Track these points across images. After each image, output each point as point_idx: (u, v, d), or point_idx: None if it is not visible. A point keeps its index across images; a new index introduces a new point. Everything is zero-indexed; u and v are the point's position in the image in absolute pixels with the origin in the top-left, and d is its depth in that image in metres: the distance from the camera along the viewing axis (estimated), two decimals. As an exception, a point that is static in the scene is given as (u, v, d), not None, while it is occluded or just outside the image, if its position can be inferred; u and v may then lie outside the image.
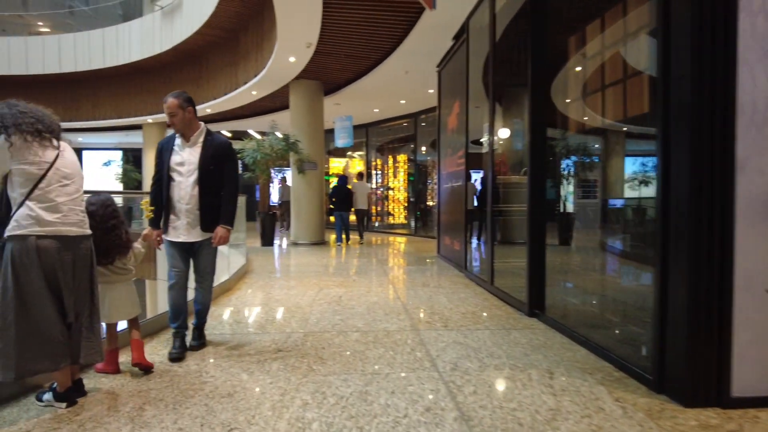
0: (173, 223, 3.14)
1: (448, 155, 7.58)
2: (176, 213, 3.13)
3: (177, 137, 3.17)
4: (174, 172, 3.11)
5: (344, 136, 10.78)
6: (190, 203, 3.10)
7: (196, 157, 3.10)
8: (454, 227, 7.26)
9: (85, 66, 14.26)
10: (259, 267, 7.13)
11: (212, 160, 3.12)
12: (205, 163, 3.10)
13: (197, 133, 3.16)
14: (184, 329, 3.22)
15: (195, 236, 3.14)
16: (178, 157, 3.12)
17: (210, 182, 3.12)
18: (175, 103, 3.06)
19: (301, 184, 10.41)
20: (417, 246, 10.33)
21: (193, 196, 3.10)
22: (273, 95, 11.67)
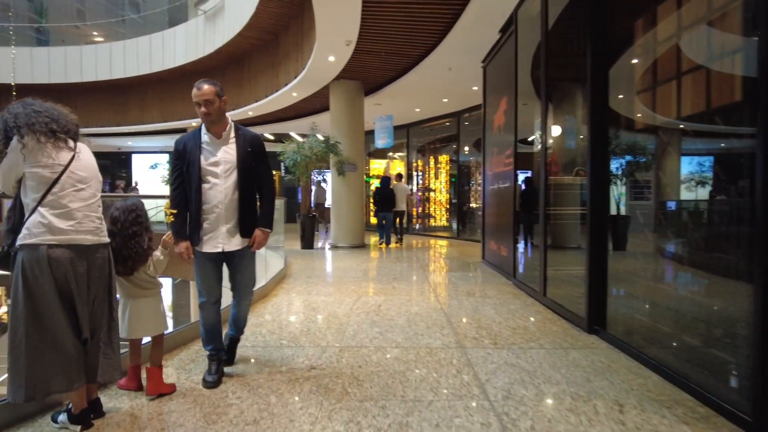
0: (208, 233, 2.73)
1: (494, 155, 7.16)
2: (212, 220, 2.72)
3: (204, 134, 2.75)
4: (208, 174, 2.70)
5: (384, 136, 10.49)
6: (229, 208, 2.73)
7: (233, 155, 2.73)
8: (500, 231, 6.84)
9: (134, 72, 14.68)
10: (297, 271, 6.95)
11: (250, 158, 2.78)
12: (244, 161, 2.75)
13: (228, 129, 2.78)
14: (220, 351, 2.88)
15: (235, 244, 2.77)
16: (212, 156, 2.72)
17: (250, 182, 2.79)
18: (212, 90, 2.68)
19: (341, 186, 10.22)
20: (460, 250, 9.92)
21: (233, 200, 2.73)
22: (313, 97, 11.55)
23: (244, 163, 2.75)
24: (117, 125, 16.17)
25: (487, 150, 7.77)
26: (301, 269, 7.15)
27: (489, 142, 7.66)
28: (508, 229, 6.32)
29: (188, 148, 2.74)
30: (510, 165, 6.20)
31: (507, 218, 6.39)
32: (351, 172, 10.15)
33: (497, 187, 6.95)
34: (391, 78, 9.93)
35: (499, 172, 6.76)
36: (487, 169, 7.68)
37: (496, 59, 7.23)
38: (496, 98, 7.09)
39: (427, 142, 14.86)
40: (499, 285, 5.88)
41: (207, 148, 2.74)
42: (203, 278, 2.82)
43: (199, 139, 2.76)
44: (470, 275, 6.67)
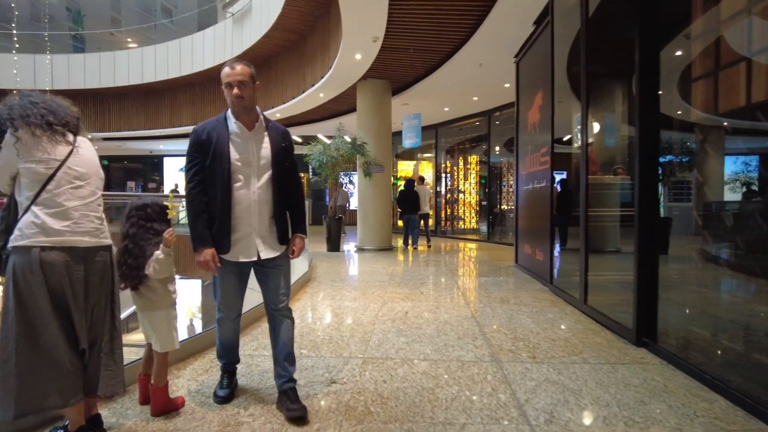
0: (238, 239, 2.34)
1: (529, 153, 6.80)
2: (243, 225, 2.34)
3: (233, 123, 2.34)
4: (239, 171, 2.31)
5: (412, 135, 10.20)
6: (264, 210, 2.38)
7: (268, 150, 2.38)
8: (535, 234, 6.47)
9: (164, 75, 14.88)
10: (322, 274, 6.75)
11: (284, 154, 2.44)
12: (279, 157, 2.40)
13: (260, 120, 2.41)
14: (234, 364, 2.65)
15: (272, 251, 2.42)
16: (243, 150, 2.33)
17: (286, 181, 2.44)
18: (247, 71, 2.32)
19: (367, 187, 10.00)
20: (491, 253, 9.55)
21: (267, 201, 2.38)
22: (340, 97, 11.39)
23: (279, 159, 2.41)
24: (149, 128, 16.43)
25: (521, 149, 7.41)
26: (326, 272, 6.94)
27: (523, 141, 7.30)
28: (544, 232, 5.95)
29: (213, 139, 2.29)
30: (546, 164, 5.84)
31: (543, 220, 6.03)
32: (378, 173, 9.92)
33: (532, 187, 6.59)
34: (419, 76, 9.67)
35: (534, 172, 6.40)
36: (521, 169, 7.32)
37: (530, 53, 6.88)
38: (530, 94, 6.73)
39: (456, 143, 14.51)
40: (535, 291, 5.52)
41: (237, 140, 2.33)
42: (226, 291, 2.46)
43: (226, 128, 2.33)
44: (503, 280, 6.32)
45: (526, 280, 6.27)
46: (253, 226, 2.36)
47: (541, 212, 6.14)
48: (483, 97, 10.75)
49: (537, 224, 6.37)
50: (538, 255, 6.22)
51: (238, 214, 2.33)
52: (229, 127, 2.34)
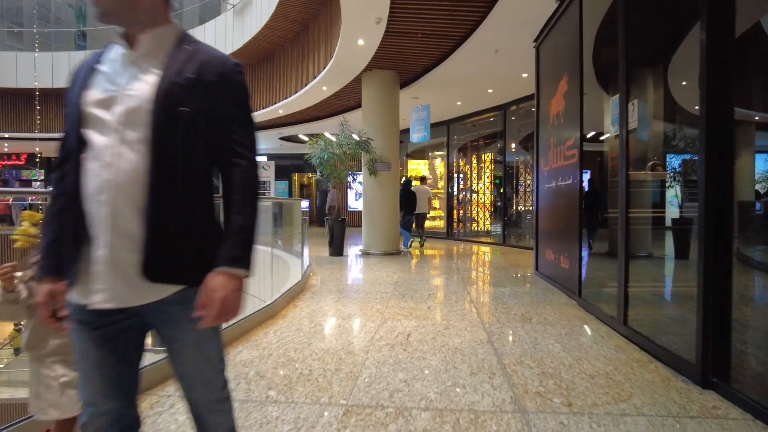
0: (84, 263, 1.18)
1: (552, 147, 6.02)
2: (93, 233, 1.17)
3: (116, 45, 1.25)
4: (92, 124, 1.18)
5: (420, 128, 9.40)
6: (124, 205, 1.16)
7: (150, 85, 1.19)
8: (560, 238, 5.69)
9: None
10: (319, 283, 6.05)
11: (189, 94, 1.20)
12: (169, 96, 1.18)
13: (159, 32, 1.25)
14: None
15: (138, 294, 1.19)
16: (109, 86, 1.19)
17: (182, 148, 1.20)
18: None
19: (373, 187, 9.28)
20: (507, 258, 8.75)
21: (132, 187, 1.16)
22: (345, 91, 10.69)
23: (168, 101, 1.18)
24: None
25: (542, 143, 6.62)
26: (324, 281, 6.23)
27: (544, 134, 6.52)
28: (570, 236, 5.17)
29: (79, 79, 1.25)
30: (573, 158, 5.06)
31: (569, 223, 5.24)
32: (384, 172, 9.19)
33: (555, 185, 5.80)
34: (429, 66, 8.92)
35: (559, 168, 5.62)
36: (542, 165, 6.53)
37: (552, 35, 6.10)
38: (553, 81, 5.95)
39: (469, 140, 13.69)
40: (561, 306, 4.74)
41: (106, 71, 1.22)
42: (80, 366, 1.26)
43: (104, 57, 1.25)
44: (522, 291, 5.55)
45: (549, 291, 5.48)
46: (107, 234, 1.15)
47: (566, 214, 5.35)
48: (499, 90, 9.96)
49: (561, 227, 5.59)
50: (563, 262, 5.44)
51: (82, 210, 1.18)
52: (108, 55, 1.25)
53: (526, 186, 11.37)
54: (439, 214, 15.07)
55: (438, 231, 14.29)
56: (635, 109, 3.66)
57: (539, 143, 6.77)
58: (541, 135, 6.71)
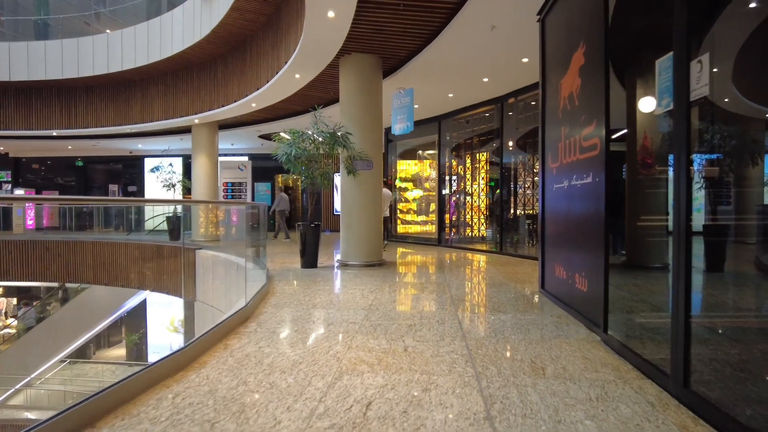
0: None
1: (561, 140, 4.86)
2: None
3: None
4: None
5: (402, 118, 8.09)
6: None
7: None
8: (575, 251, 4.52)
9: (131, 63, 13.10)
10: (272, 309, 4.84)
11: None
12: None
13: None
14: None
15: None
16: None
17: None
18: None
19: (352, 189, 8.08)
20: (505, 270, 7.58)
21: None
22: (323, 81, 9.52)
23: None
24: (119, 124, 14.66)
25: (550, 135, 5.47)
26: (280, 305, 5.03)
27: (552, 124, 5.36)
28: (590, 250, 4.00)
29: None
30: (594, 149, 3.91)
31: (589, 232, 4.07)
32: (365, 171, 8.01)
33: (568, 185, 4.64)
34: (415, 48, 7.74)
35: (573, 164, 4.45)
36: (550, 162, 5.37)
37: (561, 4, 4.96)
38: (564, 56, 4.80)
39: (463, 139, 12.50)
40: (581, 344, 3.56)
41: None
42: None
43: None
44: (528, 320, 4.36)
45: (562, 320, 4.30)
46: None
47: (584, 220, 4.19)
48: (495, 78, 8.80)
49: (577, 238, 4.42)
50: (580, 282, 4.26)
51: None
52: None
53: (525, 188, 10.22)
54: (431, 218, 13.91)
55: (429, 237, 13.11)
56: (703, 70, 2.49)
57: (545, 136, 5.62)
58: (548, 126, 5.55)
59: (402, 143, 14.34)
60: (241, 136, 16.27)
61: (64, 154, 20.61)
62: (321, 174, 7.59)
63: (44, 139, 16.46)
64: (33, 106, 14.94)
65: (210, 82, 12.65)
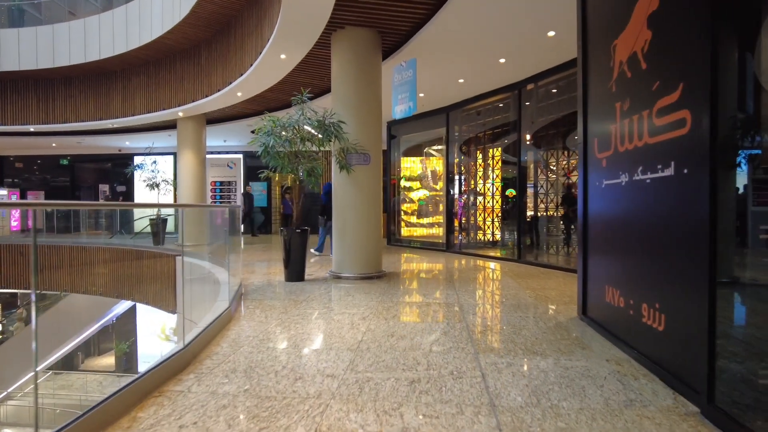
0: None
1: (617, 120, 3.61)
2: None
3: None
4: None
5: (404, 97, 6.66)
6: None
7: None
8: (642, 269, 3.25)
9: (109, 51, 11.96)
10: (223, 350, 3.61)
11: None
12: None
13: None
14: None
15: None
16: None
17: None
18: None
19: (345, 186, 6.85)
20: (530, 285, 6.32)
21: None
22: (313, 64, 8.32)
23: None
24: (99, 119, 13.53)
25: (595, 116, 4.22)
26: (239, 341, 3.80)
27: (600, 101, 4.11)
28: (678, 272, 2.74)
29: None
30: (679, 127, 2.65)
31: (671, 246, 2.82)
32: (361, 166, 6.78)
33: (628, 180, 3.39)
34: (420, 19, 6.48)
35: (639, 150, 3.20)
36: (596, 151, 4.11)
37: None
38: (621, 8, 3.56)
39: (475, 133, 11.21)
40: (673, 423, 2.31)
41: None
42: None
43: None
44: (577, 369, 3.11)
45: (624, 366, 3.04)
46: None
47: (660, 230, 2.93)
48: (514, 58, 7.53)
49: (648, 253, 3.16)
50: (653, 318, 3.01)
51: None
52: None
53: (549, 185, 8.94)
54: (437, 220, 12.66)
55: (435, 241, 11.85)
56: None
57: (588, 119, 4.37)
58: (592, 105, 4.30)
59: (406, 138, 13.09)
60: (233, 131, 15.09)
61: (51, 153, 19.54)
62: (307, 170, 6.35)
63: (22, 135, 15.36)
64: (7, 99, 13.85)
65: (193, 71, 11.48)
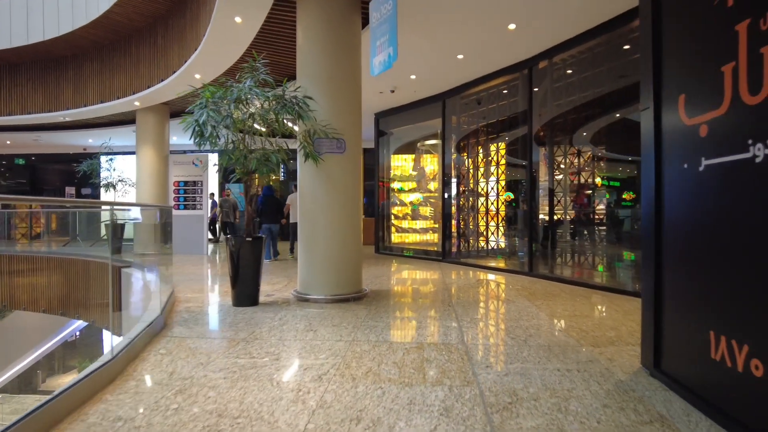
0: None
1: (740, 53, 2.09)
2: None
3: None
4: None
5: (383, 43, 4.78)
6: None
7: None
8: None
9: (54, 32, 10.38)
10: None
11: None
12: None
13: None
14: None
15: None
16: None
17: None
18: None
19: (314, 182, 5.31)
20: (551, 309, 4.80)
21: None
22: (279, 37, 6.79)
23: None
24: (49, 111, 11.92)
25: (681, 59, 2.70)
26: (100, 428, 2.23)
27: (691, 27, 2.60)
28: None
29: None
30: None
31: None
32: (333, 155, 5.25)
33: (766, 154, 1.87)
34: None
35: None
36: (683, 115, 2.59)
37: None
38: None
39: (476, 123, 9.68)
40: None
41: None
42: None
43: None
44: None
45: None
46: None
47: None
48: (529, 22, 6.01)
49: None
50: None
51: None
52: None
53: (566, 184, 7.40)
54: (432, 225, 11.13)
55: (430, 249, 10.31)
56: None
57: (665, 62, 2.85)
58: (674, 37, 2.79)
59: (397, 134, 11.57)
60: (205, 127, 13.52)
61: (9, 152, 17.86)
62: (257, 159, 4.78)
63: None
64: (-56, 89, 12.22)
65: (149, 53, 9.91)
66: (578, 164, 7.20)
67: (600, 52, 6.42)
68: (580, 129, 7.53)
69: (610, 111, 7.07)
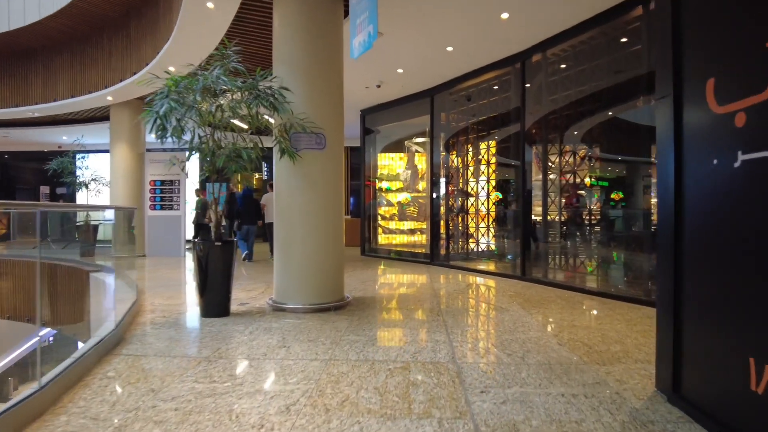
0: None
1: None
2: None
3: None
4: None
5: (363, 21, 4.33)
6: None
7: None
8: None
9: (20, 21, 9.78)
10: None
11: None
12: None
13: None
14: None
15: None
16: None
17: None
18: None
19: (291, 181, 4.88)
20: (549, 319, 4.43)
21: None
22: (258, 27, 6.35)
23: None
24: (16, 106, 11.30)
25: (710, 38, 2.33)
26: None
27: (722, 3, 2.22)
28: None
29: None
30: None
31: None
32: (312, 152, 4.82)
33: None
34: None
35: None
36: (713, 103, 2.22)
37: None
38: None
39: (466, 121, 9.30)
40: None
41: None
42: None
43: None
44: None
45: None
46: None
47: None
48: (520, 13, 5.64)
49: None
50: None
51: None
52: None
53: (561, 184, 7.04)
54: (420, 226, 10.74)
55: (418, 252, 9.93)
56: None
57: (685, 43, 2.49)
58: (700, 13, 2.43)
59: (384, 132, 11.17)
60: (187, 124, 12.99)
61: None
62: (226, 155, 4.34)
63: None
64: None
65: (122, 44, 9.38)
66: (573, 163, 6.84)
67: (596, 45, 6.07)
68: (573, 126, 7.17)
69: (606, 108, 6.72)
